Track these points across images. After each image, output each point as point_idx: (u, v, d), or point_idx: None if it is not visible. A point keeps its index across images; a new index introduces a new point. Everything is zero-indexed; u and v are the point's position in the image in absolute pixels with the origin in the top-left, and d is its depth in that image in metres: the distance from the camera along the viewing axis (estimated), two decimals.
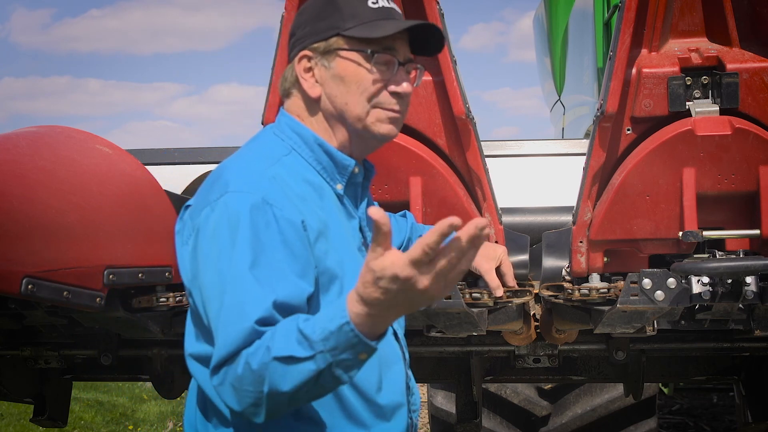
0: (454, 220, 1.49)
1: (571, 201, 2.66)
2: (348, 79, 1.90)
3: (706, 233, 2.48)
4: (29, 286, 2.28)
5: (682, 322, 2.72)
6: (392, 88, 1.91)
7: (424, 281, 1.53)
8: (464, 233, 1.51)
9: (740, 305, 2.50)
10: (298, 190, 1.85)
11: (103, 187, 2.49)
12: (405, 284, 1.53)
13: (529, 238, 2.79)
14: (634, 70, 2.54)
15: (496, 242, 2.64)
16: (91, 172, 2.52)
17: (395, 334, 2.00)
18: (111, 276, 2.50)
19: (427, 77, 2.60)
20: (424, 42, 2.01)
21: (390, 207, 2.60)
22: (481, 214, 2.62)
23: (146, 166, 2.72)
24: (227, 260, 1.73)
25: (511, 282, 2.60)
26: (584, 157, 2.58)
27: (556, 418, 4.86)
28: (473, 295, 2.58)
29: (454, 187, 2.58)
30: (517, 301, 2.64)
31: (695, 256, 2.55)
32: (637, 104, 2.55)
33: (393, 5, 1.96)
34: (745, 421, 3.69)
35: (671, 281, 2.41)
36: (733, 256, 2.49)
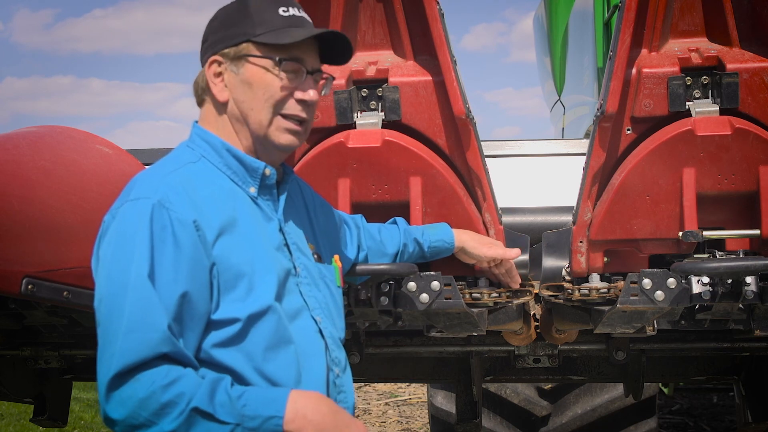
0: None
1: (571, 201, 2.66)
2: (255, 85, 1.94)
3: (706, 233, 2.48)
4: (29, 286, 2.29)
5: (682, 322, 2.72)
6: (298, 95, 1.95)
7: None
8: None
9: (740, 305, 2.50)
10: (201, 192, 1.89)
11: (103, 187, 2.49)
12: None
13: (529, 238, 2.79)
14: (634, 70, 2.54)
15: None
16: (91, 172, 2.52)
17: (320, 331, 2.01)
18: None
19: (428, 77, 2.60)
20: (336, 51, 2.04)
21: (390, 207, 2.60)
22: (481, 214, 2.62)
23: (146, 166, 2.71)
24: (125, 267, 1.77)
25: (517, 279, 2.62)
26: (584, 157, 2.58)
27: (556, 418, 4.86)
28: (473, 295, 2.59)
29: (454, 187, 2.58)
30: (517, 301, 2.64)
31: (695, 256, 2.55)
32: (637, 104, 2.55)
33: (304, 15, 2.00)
34: (745, 421, 3.69)
35: (671, 281, 2.41)
36: (733, 256, 2.49)
